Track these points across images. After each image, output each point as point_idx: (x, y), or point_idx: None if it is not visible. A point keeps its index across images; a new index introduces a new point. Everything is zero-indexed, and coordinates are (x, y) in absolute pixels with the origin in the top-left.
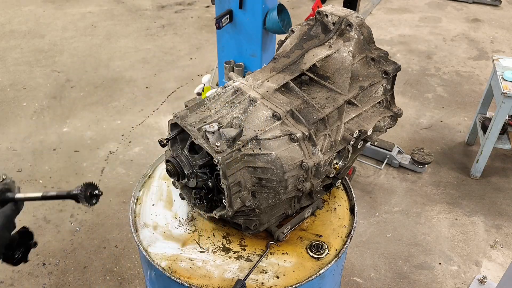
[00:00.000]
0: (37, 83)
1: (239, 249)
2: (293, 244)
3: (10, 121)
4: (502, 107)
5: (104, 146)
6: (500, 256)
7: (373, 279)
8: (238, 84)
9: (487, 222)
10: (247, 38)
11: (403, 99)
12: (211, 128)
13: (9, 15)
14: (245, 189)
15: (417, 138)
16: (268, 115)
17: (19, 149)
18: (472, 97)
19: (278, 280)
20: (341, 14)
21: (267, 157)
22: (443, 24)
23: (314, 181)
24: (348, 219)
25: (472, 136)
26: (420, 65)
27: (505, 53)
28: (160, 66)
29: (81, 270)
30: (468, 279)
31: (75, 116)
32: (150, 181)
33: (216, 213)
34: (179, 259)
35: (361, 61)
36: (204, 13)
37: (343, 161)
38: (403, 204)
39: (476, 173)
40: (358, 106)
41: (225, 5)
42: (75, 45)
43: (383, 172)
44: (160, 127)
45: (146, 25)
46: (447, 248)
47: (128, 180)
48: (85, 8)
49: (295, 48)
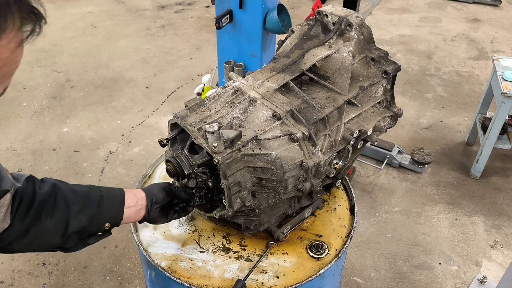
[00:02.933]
0: (37, 83)
1: (239, 249)
2: (293, 244)
3: (10, 121)
4: (502, 107)
5: (104, 146)
6: (500, 256)
7: (373, 279)
8: (238, 84)
9: (487, 222)
10: (247, 38)
11: (403, 99)
12: (211, 128)
13: None
14: (245, 189)
15: (417, 138)
16: (268, 115)
17: (19, 149)
18: (472, 97)
19: (278, 280)
20: (341, 14)
21: (267, 157)
22: (443, 24)
23: (314, 181)
24: (348, 219)
25: (472, 136)
26: (420, 65)
27: (505, 53)
28: (160, 66)
29: (81, 270)
30: (468, 279)
31: (75, 116)
32: (150, 181)
33: (216, 213)
34: (179, 259)
35: (361, 61)
36: (204, 13)
37: (343, 161)
38: (403, 204)
39: (476, 173)
40: (358, 106)
41: (225, 5)
42: (75, 45)
43: (383, 172)
44: (160, 127)
45: (146, 25)
46: (447, 248)
47: (128, 180)
48: (85, 8)
49: (295, 48)
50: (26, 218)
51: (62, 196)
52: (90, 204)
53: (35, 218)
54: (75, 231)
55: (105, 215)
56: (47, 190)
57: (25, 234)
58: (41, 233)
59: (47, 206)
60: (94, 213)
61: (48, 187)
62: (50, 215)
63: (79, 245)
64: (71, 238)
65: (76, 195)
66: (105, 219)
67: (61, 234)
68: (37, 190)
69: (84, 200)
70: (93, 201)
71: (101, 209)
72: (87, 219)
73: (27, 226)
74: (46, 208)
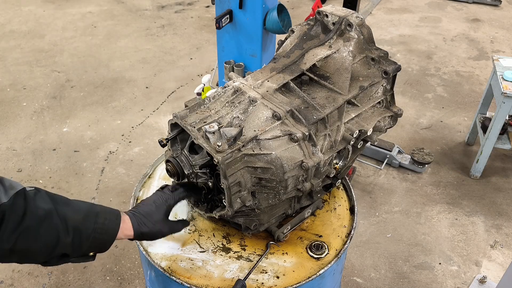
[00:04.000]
0: (37, 83)
1: (239, 249)
2: (293, 244)
3: (10, 121)
4: (502, 107)
5: (104, 146)
6: (500, 256)
7: (373, 279)
8: (238, 84)
9: (487, 222)
10: (247, 38)
11: (403, 99)
12: (211, 128)
13: (9, 15)
14: (245, 189)
15: (417, 138)
16: (268, 115)
17: (19, 149)
18: (472, 97)
19: (278, 280)
20: (341, 14)
21: (267, 157)
22: (443, 24)
23: (314, 181)
24: (348, 219)
25: (472, 136)
26: (420, 65)
27: (505, 53)
28: (160, 66)
29: (81, 270)
30: (468, 279)
31: (75, 116)
32: (150, 181)
33: (216, 213)
34: (179, 259)
35: (361, 61)
36: (204, 13)
37: (343, 161)
38: (403, 204)
39: (476, 173)
40: (358, 106)
41: (225, 5)
42: (75, 45)
43: (383, 172)
44: (160, 127)
45: (146, 25)
46: (447, 248)
47: (128, 180)
48: (85, 8)
49: (295, 48)
50: (11, 237)
51: (54, 225)
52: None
53: (21, 239)
54: (60, 255)
55: (94, 247)
56: (40, 214)
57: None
58: (24, 253)
59: (36, 231)
60: (82, 245)
61: (42, 212)
62: (37, 240)
63: (60, 262)
64: (54, 259)
65: (68, 225)
66: (92, 250)
67: (44, 256)
68: (28, 211)
69: (74, 232)
70: (84, 235)
71: (89, 243)
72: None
73: (10, 246)
74: (34, 232)
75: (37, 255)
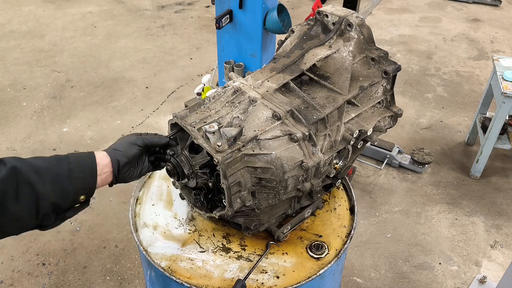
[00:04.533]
0: (37, 83)
1: (239, 249)
2: (293, 244)
3: (10, 121)
4: (502, 107)
5: (104, 146)
6: (500, 256)
7: (373, 279)
8: (238, 84)
9: (487, 222)
10: (247, 38)
11: (403, 99)
12: (211, 128)
13: (9, 15)
14: (245, 189)
15: (417, 138)
16: (268, 115)
17: (19, 149)
18: (472, 97)
19: (278, 280)
20: (341, 14)
21: (267, 157)
22: (443, 24)
23: (314, 181)
24: (348, 219)
25: (472, 136)
26: (420, 65)
27: (505, 53)
28: (160, 66)
29: (81, 270)
30: (468, 279)
31: (75, 116)
32: (150, 181)
33: (216, 213)
34: (179, 259)
35: (361, 61)
36: (204, 13)
37: (343, 161)
38: (403, 204)
39: (476, 173)
40: (358, 106)
41: (225, 5)
42: (75, 45)
43: (383, 172)
44: (160, 127)
45: (146, 25)
46: (447, 248)
47: None
48: (85, 8)
49: (295, 48)
50: None
51: (24, 179)
52: (59, 181)
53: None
54: (49, 211)
55: (78, 189)
56: (4, 175)
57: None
58: (11, 219)
59: (9, 193)
60: (66, 189)
61: (6, 172)
62: (15, 201)
63: (57, 220)
64: (46, 217)
65: (41, 174)
66: (79, 193)
67: (33, 216)
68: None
69: (51, 178)
70: (62, 177)
71: (72, 184)
72: (59, 197)
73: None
74: (9, 195)
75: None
